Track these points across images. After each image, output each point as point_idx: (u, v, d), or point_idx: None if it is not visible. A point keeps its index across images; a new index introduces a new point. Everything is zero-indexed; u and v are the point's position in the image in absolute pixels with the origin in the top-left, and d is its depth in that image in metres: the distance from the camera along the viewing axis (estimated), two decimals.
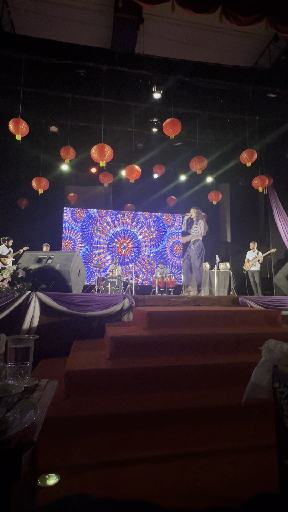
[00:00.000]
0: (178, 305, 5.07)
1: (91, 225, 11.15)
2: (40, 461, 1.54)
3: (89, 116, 7.42)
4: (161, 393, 2.53)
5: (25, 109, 6.37)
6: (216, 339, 3.23)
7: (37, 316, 3.99)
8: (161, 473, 1.72)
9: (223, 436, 2.11)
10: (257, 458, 1.88)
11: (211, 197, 8.92)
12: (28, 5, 5.76)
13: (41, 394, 1.29)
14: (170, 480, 1.67)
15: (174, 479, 1.68)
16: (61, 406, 2.29)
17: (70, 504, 0.53)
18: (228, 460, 1.86)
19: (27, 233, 9.69)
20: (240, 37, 6.24)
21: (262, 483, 1.64)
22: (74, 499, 0.51)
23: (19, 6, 5.82)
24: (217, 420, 2.27)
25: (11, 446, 0.86)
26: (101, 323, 4.28)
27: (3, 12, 6.12)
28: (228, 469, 1.77)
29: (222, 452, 1.94)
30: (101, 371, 2.63)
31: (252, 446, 2.00)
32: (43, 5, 5.74)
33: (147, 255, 11.47)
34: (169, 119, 6.25)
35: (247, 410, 2.21)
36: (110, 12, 5.77)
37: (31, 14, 5.92)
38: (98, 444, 2.00)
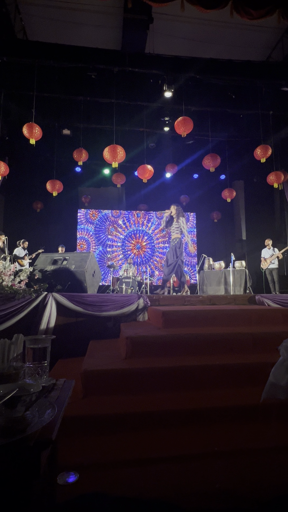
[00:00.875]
0: (193, 304, 5.04)
1: (105, 226, 11.23)
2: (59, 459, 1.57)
3: (101, 118, 7.48)
4: (178, 393, 2.52)
5: (38, 113, 6.48)
6: (233, 339, 3.19)
7: (54, 317, 4.06)
8: (179, 473, 1.72)
9: (241, 436, 2.08)
10: (276, 459, 1.84)
11: (225, 194, 8.82)
12: (39, 11, 5.87)
13: (58, 393, 1.31)
14: (188, 480, 1.66)
15: (192, 479, 1.67)
16: (78, 405, 2.31)
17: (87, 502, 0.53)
18: (247, 461, 1.83)
19: (43, 235, 9.88)
20: (252, 31, 6.14)
21: (281, 485, 1.60)
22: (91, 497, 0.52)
23: (31, 13, 5.94)
24: (235, 420, 2.24)
25: (30, 444, 0.88)
26: (116, 323, 4.30)
27: (15, 19, 6.25)
28: (247, 470, 1.75)
29: (241, 452, 1.91)
30: (117, 371, 2.65)
31: (272, 447, 1.96)
32: (53, 11, 5.83)
33: (162, 254, 11.44)
34: (181, 118, 6.21)
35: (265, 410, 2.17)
36: (120, 13, 5.80)
37: (43, 20, 6.03)
38: (116, 443, 2.01)
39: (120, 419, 2.20)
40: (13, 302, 3.93)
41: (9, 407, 0.91)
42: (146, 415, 2.22)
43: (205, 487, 1.60)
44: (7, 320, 3.84)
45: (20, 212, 9.86)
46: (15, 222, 9.68)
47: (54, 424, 1.01)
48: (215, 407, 2.30)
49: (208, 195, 10.92)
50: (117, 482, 1.60)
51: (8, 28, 6.20)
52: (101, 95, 6.88)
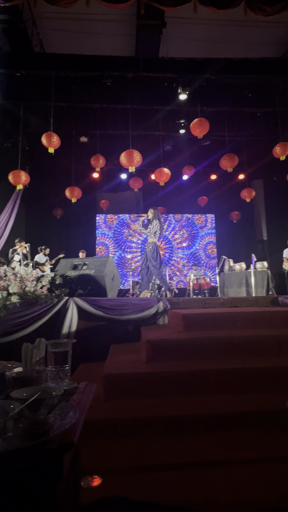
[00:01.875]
0: (213, 307, 4.96)
1: (123, 230, 11.32)
2: (82, 463, 1.58)
3: (117, 124, 7.58)
4: (200, 397, 2.48)
5: (56, 122, 6.66)
6: (256, 342, 3.11)
7: (75, 321, 4.12)
8: (203, 480, 1.68)
9: (267, 443, 2.02)
10: None
11: (244, 194, 8.67)
12: (55, 24, 6.05)
13: (80, 396, 1.32)
14: (212, 487, 1.62)
15: (216, 487, 1.63)
16: (101, 409, 2.33)
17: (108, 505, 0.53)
18: (273, 469, 1.77)
19: (63, 241, 10.09)
20: (266, 28, 6.04)
21: None
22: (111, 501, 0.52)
23: (47, 26, 6.14)
24: (259, 426, 2.17)
25: (53, 446, 0.89)
26: (136, 327, 4.31)
27: (33, 34, 6.48)
28: (274, 479, 1.69)
29: (267, 460, 1.85)
30: (139, 375, 2.65)
31: None
32: (68, 23, 5.99)
33: (180, 257, 11.38)
34: (196, 119, 6.19)
35: None
36: (133, 20, 5.88)
37: (58, 32, 6.21)
38: (139, 447, 2.00)
39: (142, 423, 2.19)
40: (36, 307, 4.03)
41: (32, 409, 0.93)
42: (168, 420, 2.21)
43: (231, 495, 1.56)
44: (31, 324, 3.94)
45: (41, 219, 10.13)
46: (37, 229, 9.95)
47: (76, 427, 1.03)
48: (238, 412, 2.25)
49: (227, 195, 10.77)
50: (140, 487, 1.60)
51: (26, 43, 6.44)
52: (116, 102, 6.97)
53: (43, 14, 5.81)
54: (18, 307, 3.88)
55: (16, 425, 0.94)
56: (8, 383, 1.15)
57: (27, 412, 0.93)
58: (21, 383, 1.13)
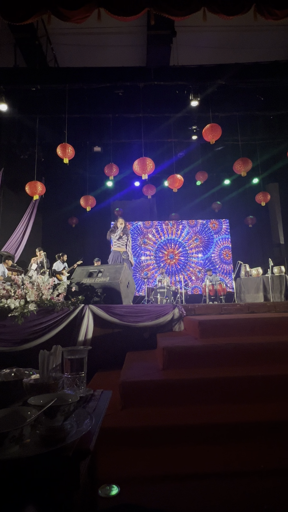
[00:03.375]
0: (230, 312, 4.87)
1: (137, 237, 11.36)
2: (99, 471, 1.57)
3: (129, 133, 7.68)
4: (217, 405, 2.43)
5: (70, 134, 6.82)
6: (275, 348, 3.02)
7: (91, 328, 4.14)
8: (221, 491, 1.64)
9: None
10: None
11: (259, 198, 8.55)
12: (68, 39, 6.25)
13: (96, 404, 1.32)
14: (231, 499, 1.57)
15: (236, 498, 1.58)
16: (117, 417, 2.31)
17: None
18: None
19: (79, 249, 10.23)
20: (277, 31, 6.02)
21: None
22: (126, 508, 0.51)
23: (60, 41, 6.34)
24: (281, 436, 2.10)
25: (69, 453, 0.89)
26: (152, 334, 4.28)
27: (47, 50, 6.72)
28: None
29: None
30: (156, 382, 2.62)
31: None
32: (81, 37, 6.18)
33: (196, 263, 11.29)
34: (208, 125, 6.19)
35: None
36: (143, 31, 6.00)
37: (71, 47, 6.41)
38: (158, 456, 1.97)
39: (160, 432, 2.16)
40: (52, 314, 4.09)
41: (49, 416, 0.93)
42: (185, 428, 2.17)
43: (251, 507, 1.51)
44: (48, 332, 3.99)
45: (57, 228, 10.32)
46: (53, 238, 10.14)
47: (92, 435, 1.03)
48: (258, 422, 2.18)
49: (241, 200, 10.66)
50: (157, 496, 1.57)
51: (41, 58, 6.67)
52: (129, 111, 7.08)
53: (56, 30, 6.02)
54: (35, 315, 3.94)
55: (33, 431, 0.95)
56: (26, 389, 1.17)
57: (44, 418, 0.93)
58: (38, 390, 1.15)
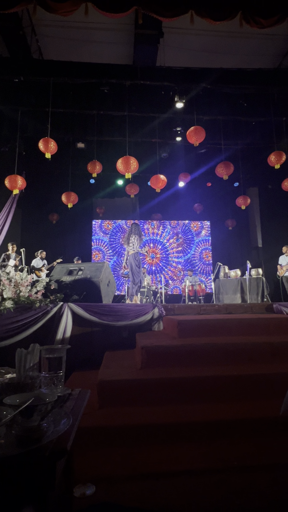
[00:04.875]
0: (209, 313, 4.97)
1: (119, 236, 11.33)
2: (76, 470, 1.56)
3: (114, 130, 7.63)
4: (194, 404, 2.47)
5: (53, 128, 6.69)
6: (250, 348, 3.11)
7: (70, 327, 4.09)
8: (195, 488, 1.67)
9: (260, 451, 2.01)
10: None
11: (239, 202, 8.75)
12: (54, 32, 6.12)
13: (73, 403, 1.31)
14: (205, 495, 1.61)
15: (209, 494, 1.62)
16: (95, 416, 2.30)
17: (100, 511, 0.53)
18: (267, 477, 1.76)
19: (59, 246, 10.06)
20: (262, 40, 6.17)
21: None
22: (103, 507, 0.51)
23: (46, 33, 6.20)
24: (254, 434, 2.17)
25: (45, 453, 0.88)
26: (131, 333, 4.29)
27: (32, 41, 6.55)
28: (268, 487, 1.68)
29: (260, 468, 1.85)
30: (133, 381, 2.63)
31: None
32: (67, 31, 6.07)
33: (176, 264, 11.40)
34: (193, 127, 6.26)
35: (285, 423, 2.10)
36: (131, 30, 5.97)
37: (57, 39, 6.28)
38: (134, 455, 1.98)
39: (137, 431, 2.17)
40: (30, 312, 4.00)
41: (25, 416, 0.92)
42: (162, 427, 2.19)
43: (223, 503, 1.54)
44: (25, 330, 3.91)
45: (37, 224, 10.10)
46: (32, 234, 9.91)
47: (69, 434, 1.02)
48: (233, 420, 2.24)
49: (222, 203, 10.86)
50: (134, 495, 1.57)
51: (25, 49, 6.50)
52: (114, 109, 7.04)
53: (42, 21, 5.89)
54: (12, 312, 3.85)
55: (8, 431, 0.93)
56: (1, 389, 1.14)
57: (20, 418, 0.92)
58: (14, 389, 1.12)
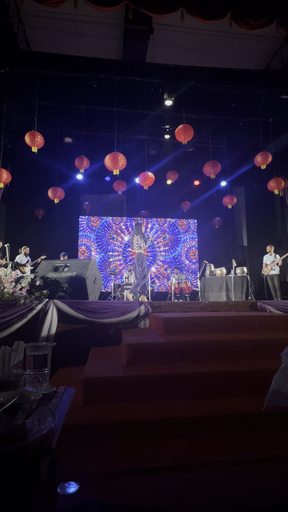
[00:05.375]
0: (194, 310, 5.02)
1: (106, 232, 11.27)
2: (60, 468, 1.55)
3: (102, 126, 7.57)
4: (179, 400, 2.50)
5: (40, 122, 6.57)
6: (235, 346, 3.17)
7: (55, 324, 4.05)
8: (180, 483, 1.69)
9: (244, 445, 2.05)
10: (279, 468, 1.82)
11: (226, 201, 8.85)
12: (42, 23, 5.98)
13: (59, 401, 1.30)
14: (189, 490, 1.63)
15: (193, 489, 1.64)
16: (79, 414, 2.30)
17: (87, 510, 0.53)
18: (249, 470, 1.80)
19: (45, 242, 9.91)
20: (251, 41, 6.23)
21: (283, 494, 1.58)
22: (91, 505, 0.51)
23: (34, 24, 6.06)
24: (237, 428, 2.21)
25: (30, 452, 0.87)
26: (117, 330, 4.29)
27: (18, 30, 6.38)
28: (250, 480, 1.72)
29: (244, 462, 1.89)
30: (119, 378, 2.63)
31: (275, 456, 1.94)
32: (56, 22, 5.94)
33: (163, 261, 11.45)
34: (181, 125, 6.28)
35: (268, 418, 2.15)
36: (121, 24, 5.91)
37: (45, 31, 6.15)
38: (117, 452, 1.99)
39: (121, 427, 2.18)
40: (14, 309, 3.94)
41: (9, 414, 0.90)
42: (147, 423, 2.20)
43: (207, 497, 1.57)
44: (9, 327, 3.84)
45: (22, 219, 9.91)
46: (17, 229, 9.72)
47: (54, 433, 1.01)
48: (217, 415, 2.28)
49: (209, 201, 10.96)
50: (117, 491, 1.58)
51: (11, 39, 6.32)
52: (102, 104, 6.97)
53: (29, 11, 5.74)
54: None
55: None
56: None
57: (4, 417, 0.90)
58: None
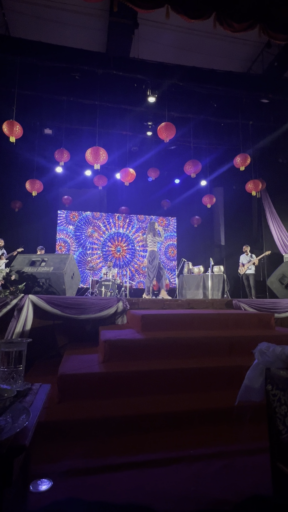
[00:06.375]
0: (172, 308, 5.07)
1: (85, 227, 11.13)
2: (33, 466, 1.53)
3: (84, 119, 7.44)
4: (155, 396, 2.52)
5: (20, 111, 6.35)
6: (210, 342, 3.24)
7: (30, 320, 3.96)
8: (155, 477, 1.72)
9: (217, 439, 2.11)
10: (250, 461, 1.89)
11: (205, 200, 8.99)
12: (23, 8, 5.76)
13: (33, 398, 1.28)
14: (164, 484, 1.66)
15: (167, 483, 1.67)
16: (54, 410, 2.27)
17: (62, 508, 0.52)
18: (221, 464, 1.86)
19: (21, 235, 9.64)
20: (234, 43, 6.32)
21: (255, 486, 1.64)
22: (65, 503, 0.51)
23: (14, 9, 5.82)
24: (211, 423, 2.27)
25: (2, 451, 0.85)
26: (94, 326, 4.26)
27: None
28: (222, 473, 1.77)
29: (216, 455, 1.94)
30: (94, 375, 2.62)
31: (246, 449, 2.01)
32: (38, 8, 5.75)
33: (142, 258, 11.47)
34: (164, 123, 6.28)
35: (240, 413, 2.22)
36: (105, 16, 5.81)
37: (26, 17, 5.93)
38: (92, 448, 1.98)
39: (96, 423, 2.17)
40: None
41: None
42: (122, 419, 2.21)
43: (181, 490, 1.61)
44: None
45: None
46: None
47: (28, 430, 0.99)
48: (192, 410, 2.32)
49: (189, 200, 11.09)
50: (91, 487, 1.58)
51: None
52: (85, 96, 6.84)
53: None
54: None
55: None
56: None
57: None
58: None
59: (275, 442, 1.47)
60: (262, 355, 1.55)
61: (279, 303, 5.05)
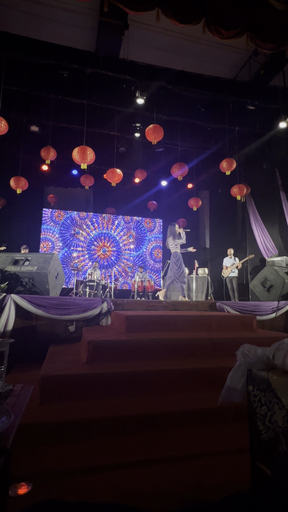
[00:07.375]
0: (156, 309, 5.09)
1: (70, 227, 11.01)
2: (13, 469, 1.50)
3: (72, 118, 7.36)
4: (138, 398, 2.52)
5: (5, 107, 6.23)
6: (193, 344, 3.27)
7: (12, 320, 3.88)
8: (137, 478, 1.72)
9: (198, 440, 2.13)
10: (231, 461, 1.92)
11: (191, 203, 9.08)
12: (12, 2, 5.67)
13: (15, 399, 1.25)
14: (146, 484, 1.66)
15: (149, 483, 1.67)
16: (35, 412, 2.23)
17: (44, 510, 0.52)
18: (203, 464, 1.88)
19: (4, 233, 9.43)
20: (223, 50, 6.43)
21: (235, 485, 1.67)
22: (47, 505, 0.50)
23: (3, 2, 5.71)
24: (193, 424, 2.29)
25: None
26: (78, 327, 4.22)
27: None
28: (203, 473, 1.79)
29: (198, 455, 1.96)
30: (77, 376, 2.59)
31: (227, 449, 2.03)
32: (27, 4, 5.66)
33: (127, 259, 11.46)
34: (152, 125, 6.31)
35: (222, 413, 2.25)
36: (96, 15, 5.78)
37: (15, 11, 5.82)
38: (73, 450, 1.96)
39: (78, 425, 2.15)
40: None
41: None
42: (104, 421, 2.20)
43: (163, 490, 1.61)
44: None
45: None
46: None
47: (9, 432, 0.97)
48: (175, 411, 2.34)
49: (176, 202, 11.17)
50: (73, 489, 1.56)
51: None
52: (73, 95, 6.78)
53: None
54: None
55: None
56: None
57: None
58: None
59: (255, 442, 1.50)
60: (244, 356, 1.58)
61: (261, 305, 5.16)
